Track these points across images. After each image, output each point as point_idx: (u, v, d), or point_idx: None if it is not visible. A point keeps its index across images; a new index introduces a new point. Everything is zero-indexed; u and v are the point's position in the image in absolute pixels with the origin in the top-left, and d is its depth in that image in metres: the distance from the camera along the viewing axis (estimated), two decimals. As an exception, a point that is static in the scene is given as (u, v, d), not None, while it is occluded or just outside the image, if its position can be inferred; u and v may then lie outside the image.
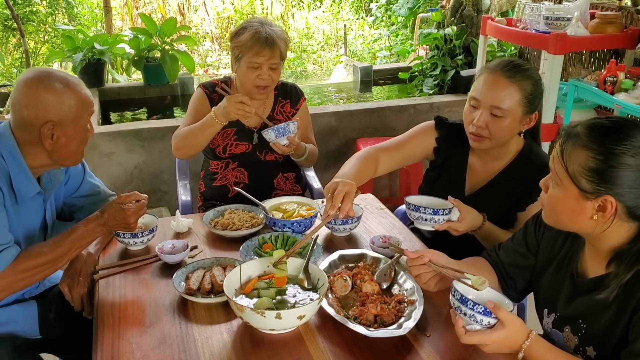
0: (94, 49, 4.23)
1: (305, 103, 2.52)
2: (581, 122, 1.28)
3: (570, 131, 1.26)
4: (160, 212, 3.41)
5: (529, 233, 1.55)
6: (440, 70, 4.42)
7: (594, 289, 1.32)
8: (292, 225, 1.91)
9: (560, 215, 1.31)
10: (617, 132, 1.21)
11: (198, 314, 1.53)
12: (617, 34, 3.38)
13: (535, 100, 1.80)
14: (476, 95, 1.83)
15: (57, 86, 1.57)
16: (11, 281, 1.54)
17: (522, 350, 1.25)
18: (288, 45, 2.32)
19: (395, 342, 1.41)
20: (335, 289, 1.59)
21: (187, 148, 2.32)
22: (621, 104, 2.94)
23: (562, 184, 1.26)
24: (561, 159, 1.25)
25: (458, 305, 1.28)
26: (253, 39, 2.20)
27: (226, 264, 1.72)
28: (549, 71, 3.25)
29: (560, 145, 1.26)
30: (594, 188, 1.21)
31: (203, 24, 9.26)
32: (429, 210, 1.74)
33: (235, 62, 2.30)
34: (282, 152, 2.25)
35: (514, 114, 1.78)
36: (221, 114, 2.18)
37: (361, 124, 3.83)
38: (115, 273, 1.74)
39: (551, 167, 1.30)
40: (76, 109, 1.60)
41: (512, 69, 1.78)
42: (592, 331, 1.33)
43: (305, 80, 7.35)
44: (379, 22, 8.88)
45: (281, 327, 1.41)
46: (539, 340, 1.26)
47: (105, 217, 1.66)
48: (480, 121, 1.80)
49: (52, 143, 1.59)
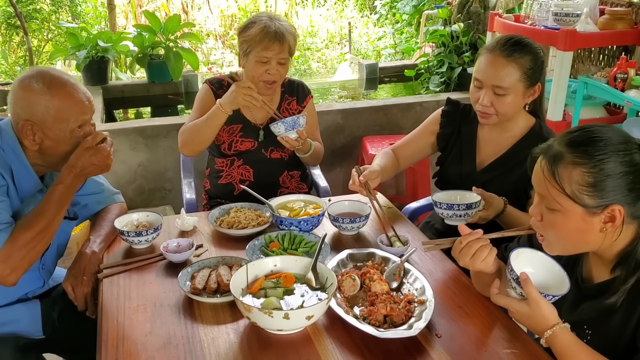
0: (98, 46, 4.20)
1: (312, 101, 2.49)
2: (550, 143, 1.27)
3: (550, 153, 1.25)
4: (165, 210, 3.40)
5: (535, 238, 1.52)
6: (447, 67, 4.38)
7: (600, 295, 1.30)
8: (299, 223, 1.88)
9: (566, 239, 1.28)
10: (597, 140, 1.21)
11: (204, 314, 1.50)
12: (627, 30, 3.33)
13: (535, 73, 1.87)
14: (478, 76, 1.92)
15: (35, 86, 1.55)
16: (16, 259, 1.52)
17: (544, 336, 1.24)
18: (297, 41, 2.29)
19: (405, 343, 1.38)
20: (343, 289, 1.56)
21: (193, 144, 2.30)
22: (632, 100, 2.90)
23: (562, 208, 1.23)
24: (556, 182, 1.22)
25: (511, 270, 1.29)
26: (262, 33, 2.17)
27: (232, 263, 1.69)
28: (558, 68, 3.21)
29: (549, 170, 1.24)
30: (598, 202, 1.20)
31: (207, 22, 9.24)
32: (462, 207, 1.81)
33: (243, 57, 2.27)
34: (291, 146, 2.22)
35: (515, 90, 1.86)
36: (227, 102, 2.17)
37: (367, 122, 3.79)
38: (119, 272, 1.71)
39: (542, 195, 1.27)
40: (55, 111, 1.56)
41: (510, 47, 1.84)
42: (598, 337, 1.31)
43: (310, 78, 7.33)
44: (383, 19, 8.84)
45: (289, 327, 1.38)
46: (565, 333, 1.24)
47: (79, 166, 1.61)
48: (485, 100, 1.89)
49: (34, 143, 1.57)
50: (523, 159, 1.88)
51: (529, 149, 1.87)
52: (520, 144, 1.96)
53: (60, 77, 1.60)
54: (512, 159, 1.96)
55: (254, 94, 2.15)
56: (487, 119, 1.94)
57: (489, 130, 2.04)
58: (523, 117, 1.98)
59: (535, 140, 1.88)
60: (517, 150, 1.96)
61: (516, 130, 1.98)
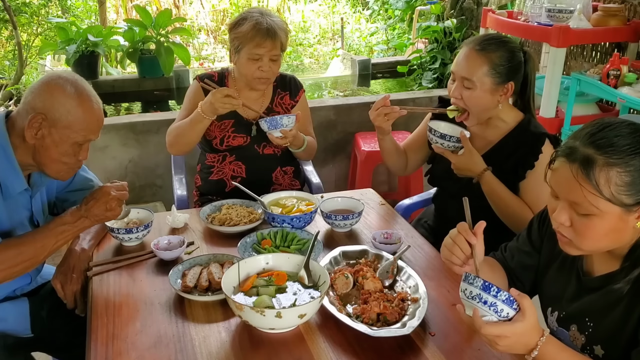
0: (88, 40, 4.17)
1: (304, 95, 2.47)
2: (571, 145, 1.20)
3: (578, 158, 1.18)
4: (156, 207, 3.37)
5: (534, 230, 1.51)
6: (440, 63, 4.39)
7: (602, 287, 1.28)
8: (292, 220, 1.87)
9: (601, 241, 1.24)
10: (622, 136, 1.17)
11: (195, 313, 1.48)
12: (620, 27, 3.33)
13: (507, 71, 1.85)
14: (452, 67, 1.94)
15: (67, 88, 1.57)
16: None
17: (537, 347, 1.18)
18: (288, 37, 2.27)
19: (398, 342, 1.37)
20: (336, 287, 1.55)
21: (180, 145, 2.28)
22: (625, 97, 2.90)
23: (598, 211, 1.18)
24: (593, 188, 1.16)
25: (478, 293, 1.16)
26: (254, 30, 2.15)
27: (224, 261, 1.67)
28: (551, 64, 3.21)
29: (584, 175, 1.17)
30: (635, 199, 1.16)
31: (198, 17, 9.19)
32: (437, 133, 1.89)
33: (234, 54, 2.24)
34: (277, 144, 2.20)
35: (482, 85, 1.84)
36: (208, 110, 2.12)
37: (360, 118, 3.77)
38: (109, 270, 1.69)
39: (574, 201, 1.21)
40: (73, 118, 1.57)
41: (485, 42, 1.86)
42: (600, 330, 1.29)
43: (302, 74, 7.31)
44: (376, 15, 8.83)
45: (281, 326, 1.37)
46: (552, 339, 1.21)
47: (82, 211, 1.60)
48: (455, 92, 1.90)
49: (34, 137, 1.55)
50: (510, 153, 1.92)
51: (516, 144, 1.91)
52: (508, 139, 1.96)
53: (91, 93, 1.63)
54: (499, 153, 1.96)
55: (233, 101, 2.08)
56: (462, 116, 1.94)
57: (477, 127, 2.03)
58: (512, 112, 1.97)
59: (523, 134, 1.92)
60: (505, 145, 1.95)
61: (504, 125, 1.97)
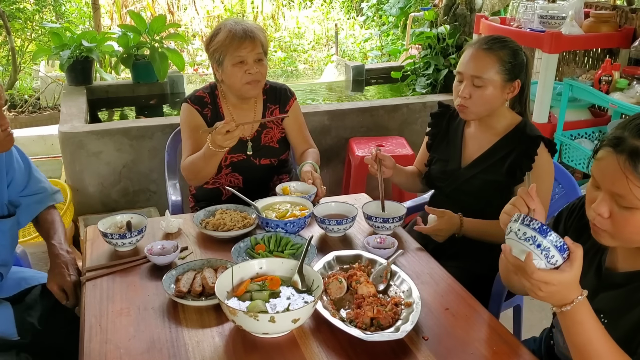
0: (82, 46, 4.15)
1: (296, 103, 2.44)
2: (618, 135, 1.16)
3: (626, 149, 1.13)
4: (150, 212, 3.36)
5: (561, 222, 1.46)
6: (434, 69, 4.39)
7: (625, 284, 1.25)
8: (286, 225, 1.87)
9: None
10: None
11: (189, 317, 1.48)
12: (611, 33, 3.37)
13: (514, 68, 1.91)
14: (459, 69, 1.97)
15: None
16: None
17: (573, 304, 1.13)
18: (267, 38, 2.24)
19: (392, 346, 1.37)
20: (330, 291, 1.55)
21: (199, 178, 2.24)
22: (616, 103, 2.93)
23: None
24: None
25: (533, 235, 1.12)
26: (231, 35, 2.13)
27: (217, 266, 1.67)
28: (543, 70, 3.24)
29: (632, 167, 1.12)
30: None
31: (192, 23, 9.19)
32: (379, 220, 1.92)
33: (218, 68, 2.21)
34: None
35: (493, 83, 1.90)
36: (217, 147, 2.02)
37: (354, 123, 3.78)
38: (102, 275, 1.69)
39: (617, 193, 1.16)
40: None
41: (490, 42, 1.93)
42: (615, 328, 1.24)
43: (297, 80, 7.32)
44: (370, 21, 8.86)
45: (275, 330, 1.37)
46: (587, 301, 1.16)
47: None
48: (465, 92, 1.93)
49: None
50: (506, 154, 1.96)
51: (512, 146, 1.94)
52: (504, 141, 1.99)
53: None
54: (495, 155, 1.99)
55: (234, 134, 1.96)
56: (465, 113, 1.98)
57: (474, 128, 2.08)
58: (509, 115, 2.01)
59: (519, 137, 1.96)
60: (501, 147, 1.98)
61: (500, 127, 2.00)
